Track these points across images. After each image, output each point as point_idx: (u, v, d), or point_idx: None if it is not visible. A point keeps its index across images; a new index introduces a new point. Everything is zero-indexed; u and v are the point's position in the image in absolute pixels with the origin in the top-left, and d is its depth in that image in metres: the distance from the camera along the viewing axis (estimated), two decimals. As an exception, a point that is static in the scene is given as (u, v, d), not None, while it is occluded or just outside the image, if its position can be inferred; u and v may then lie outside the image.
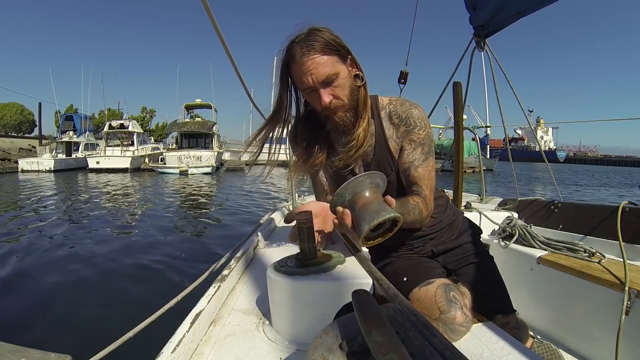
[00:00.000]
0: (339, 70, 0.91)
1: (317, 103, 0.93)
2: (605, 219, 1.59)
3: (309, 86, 0.90)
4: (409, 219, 0.90)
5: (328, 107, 0.91)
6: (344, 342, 0.40)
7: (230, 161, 24.85)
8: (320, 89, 0.90)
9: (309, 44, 0.88)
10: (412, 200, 0.93)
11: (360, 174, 0.80)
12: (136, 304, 2.94)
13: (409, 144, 1.00)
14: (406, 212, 0.88)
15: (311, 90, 0.92)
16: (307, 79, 0.89)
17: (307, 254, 0.77)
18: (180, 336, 0.69)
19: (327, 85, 0.90)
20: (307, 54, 0.88)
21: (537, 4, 1.93)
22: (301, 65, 0.88)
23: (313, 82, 0.89)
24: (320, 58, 0.88)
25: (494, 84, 2.37)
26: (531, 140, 63.53)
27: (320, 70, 0.88)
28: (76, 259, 4.25)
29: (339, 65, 0.91)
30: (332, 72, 0.89)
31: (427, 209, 0.95)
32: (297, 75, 0.91)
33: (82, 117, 26.16)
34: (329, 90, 0.91)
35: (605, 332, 1.21)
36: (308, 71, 0.88)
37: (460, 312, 0.84)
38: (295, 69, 0.91)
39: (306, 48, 0.88)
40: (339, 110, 0.94)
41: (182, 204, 9.19)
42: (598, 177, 24.99)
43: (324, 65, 0.88)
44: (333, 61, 0.90)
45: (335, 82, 0.91)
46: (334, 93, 0.91)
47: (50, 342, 2.38)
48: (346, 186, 0.79)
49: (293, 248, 0.86)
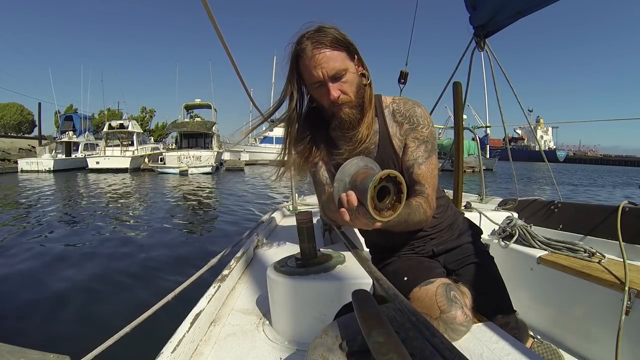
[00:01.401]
0: (347, 66, 0.92)
1: (325, 98, 0.94)
2: (605, 219, 1.59)
3: (318, 80, 0.91)
4: (414, 220, 0.90)
5: (336, 101, 0.92)
6: (344, 342, 0.40)
7: (230, 161, 24.85)
8: (329, 83, 0.91)
9: (320, 39, 0.89)
10: (415, 201, 0.93)
11: (353, 158, 0.81)
12: (136, 304, 2.93)
13: (412, 141, 1.00)
14: (412, 213, 0.88)
15: (319, 85, 0.92)
16: (317, 73, 0.90)
17: (307, 254, 0.77)
18: (180, 336, 0.69)
19: (336, 80, 0.91)
20: (318, 48, 0.89)
21: (537, 4, 1.93)
22: (311, 59, 0.89)
23: (323, 76, 0.90)
24: (331, 53, 0.90)
25: (494, 84, 2.37)
26: (531, 140, 63.54)
27: (331, 65, 0.89)
28: (75, 259, 4.24)
29: (347, 61, 0.93)
30: (342, 67, 0.91)
31: (430, 208, 0.95)
32: (307, 69, 0.92)
33: (81, 117, 26.12)
34: (337, 85, 0.92)
35: (605, 332, 1.21)
36: (318, 64, 0.89)
37: (461, 312, 0.84)
38: (304, 62, 0.91)
39: (317, 42, 0.89)
40: (346, 106, 0.94)
41: (182, 204, 9.18)
42: (596, 178, 25.00)
43: (334, 60, 0.90)
44: (342, 57, 0.91)
45: (344, 78, 0.92)
46: (342, 88, 0.92)
47: (50, 342, 2.38)
48: (342, 170, 0.80)
49: (293, 248, 0.86)
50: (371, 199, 0.70)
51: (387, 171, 0.71)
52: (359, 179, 0.76)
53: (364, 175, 0.76)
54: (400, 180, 0.72)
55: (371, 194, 0.70)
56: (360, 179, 0.76)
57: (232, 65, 1.24)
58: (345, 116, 0.95)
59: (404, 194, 0.73)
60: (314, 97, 0.99)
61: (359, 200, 0.74)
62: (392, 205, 0.74)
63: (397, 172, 0.72)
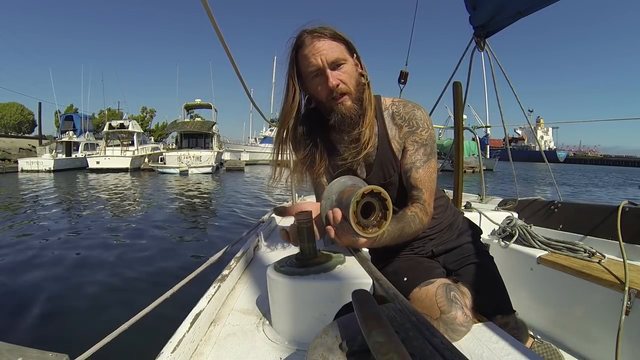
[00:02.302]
0: (347, 58, 0.93)
1: (323, 87, 0.92)
2: (605, 219, 1.58)
3: (318, 67, 0.90)
4: (410, 231, 0.89)
5: (335, 89, 0.90)
6: (344, 342, 0.40)
7: (230, 161, 24.85)
8: (328, 70, 0.90)
9: (320, 31, 0.91)
10: (410, 211, 0.92)
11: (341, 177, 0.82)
12: (136, 304, 2.93)
13: (411, 144, 0.99)
14: (406, 225, 0.88)
15: (317, 74, 0.91)
16: (317, 59, 0.89)
17: (307, 254, 0.77)
18: (180, 336, 0.69)
19: (336, 68, 0.91)
20: (318, 37, 0.90)
21: (537, 4, 1.93)
22: (310, 47, 0.90)
23: (322, 63, 0.89)
24: (331, 42, 0.91)
25: (494, 84, 2.37)
26: (531, 140, 63.51)
27: (330, 52, 0.90)
28: (75, 259, 4.24)
29: (346, 54, 0.93)
30: (341, 56, 0.91)
31: (427, 215, 0.94)
32: (306, 59, 0.91)
33: (82, 117, 26.10)
34: (337, 73, 0.91)
35: (605, 332, 1.21)
36: (318, 52, 0.89)
37: (461, 312, 0.84)
38: (303, 52, 0.91)
39: (317, 33, 0.90)
40: (346, 98, 0.93)
41: (182, 203, 9.18)
42: (593, 178, 24.98)
43: (333, 48, 0.90)
44: (342, 49, 0.92)
45: (343, 68, 0.92)
46: (341, 78, 0.92)
47: (49, 341, 2.38)
48: (330, 188, 0.81)
49: (293, 248, 0.86)
50: (353, 213, 0.70)
51: (371, 187, 0.70)
52: (345, 196, 0.76)
53: (349, 193, 0.76)
54: (385, 197, 0.71)
55: (353, 209, 0.69)
56: (346, 196, 0.76)
57: (232, 65, 1.24)
58: (346, 110, 0.93)
59: (389, 211, 0.73)
60: (312, 93, 0.97)
61: (344, 216, 0.74)
62: (377, 222, 0.74)
63: (381, 188, 0.71)
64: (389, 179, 1.03)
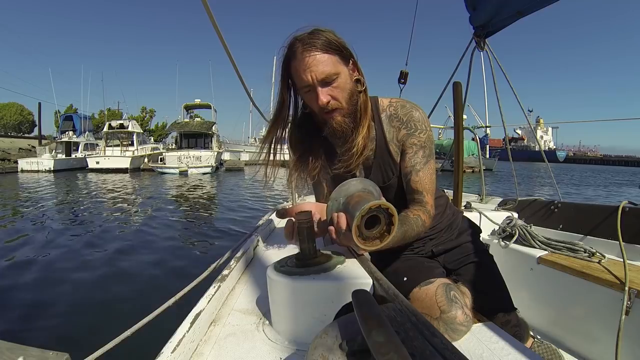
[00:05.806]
0: (339, 70, 0.89)
1: (314, 103, 0.91)
2: (605, 219, 1.59)
3: (308, 84, 0.88)
4: (412, 234, 0.90)
5: (325, 107, 0.89)
6: (344, 342, 0.39)
7: (230, 161, 24.87)
8: (319, 87, 0.88)
9: (311, 42, 0.86)
10: (413, 214, 0.92)
11: (353, 178, 0.81)
12: (135, 304, 2.93)
13: (410, 147, 0.98)
14: (409, 228, 0.88)
15: (309, 90, 0.90)
16: (307, 76, 0.87)
17: (307, 254, 0.77)
18: (180, 336, 0.69)
19: (326, 85, 0.88)
20: (308, 51, 0.86)
21: (537, 4, 1.93)
22: (301, 62, 0.86)
23: (312, 80, 0.87)
24: (322, 56, 0.86)
25: (494, 84, 2.37)
26: (531, 140, 63.58)
27: (320, 68, 0.86)
28: (75, 259, 4.24)
29: (340, 66, 0.89)
30: (332, 71, 0.87)
31: (429, 217, 0.95)
32: (297, 72, 0.89)
33: (81, 117, 26.09)
34: (327, 90, 0.88)
35: (605, 332, 1.21)
36: (307, 68, 0.86)
37: (461, 312, 0.84)
38: (294, 65, 0.89)
39: (308, 44, 0.86)
40: (337, 114, 0.91)
41: (182, 203, 9.18)
42: (593, 178, 24.97)
43: (324, 63, 0.86)
44: (334, 61, 0.88)
45: (335, 83, 0.89)
46: (332, 94, 0.89)
47: (49, 340, 2.38)
48: (339, 189, 0.80)
49: (293, 248, 0.86)
50: (356, 227, 0.70)
51: (378, 202, 0.70)
52: (352, 202, 0.76)
53: (358, 199, 0.75)
54: (393, 212, 0.71)
55: (357, 223, 0.69)
56: (354, 202, 0.75)
57: (232, 65, 1.24)
58: (337, 125, 0.92)
59: (394, 226, 0.73)
60: (306, 103, 0.96)
61: (348, 225, 0.74)
62: (380, 235, 0.73)
63: (390, 204, 0.71)
64: (388, 181, 1.03)
